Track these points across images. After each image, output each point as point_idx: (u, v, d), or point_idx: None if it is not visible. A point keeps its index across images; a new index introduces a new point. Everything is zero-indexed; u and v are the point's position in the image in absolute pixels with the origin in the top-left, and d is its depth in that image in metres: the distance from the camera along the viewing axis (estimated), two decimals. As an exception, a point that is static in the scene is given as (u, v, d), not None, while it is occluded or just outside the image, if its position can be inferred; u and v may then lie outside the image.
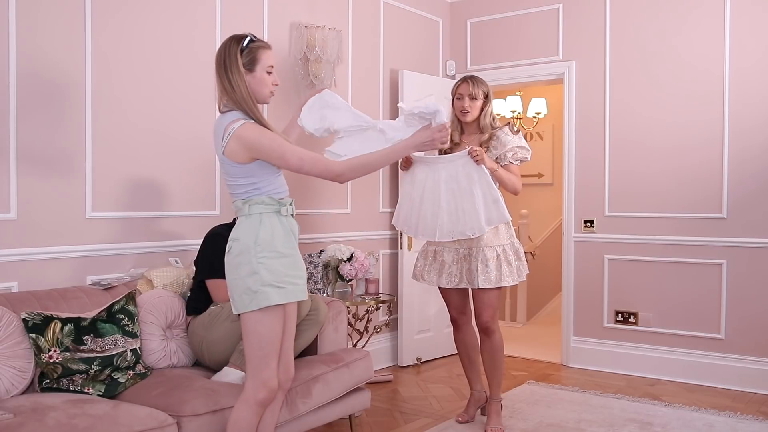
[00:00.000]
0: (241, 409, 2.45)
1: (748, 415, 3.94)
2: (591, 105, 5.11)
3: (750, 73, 4.50)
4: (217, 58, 2.52)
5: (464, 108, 3.64)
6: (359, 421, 3.76)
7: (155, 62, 3.61)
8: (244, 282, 2.41)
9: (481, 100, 3.66)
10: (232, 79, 2.47)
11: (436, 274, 3.65)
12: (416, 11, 5.45)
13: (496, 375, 3.69)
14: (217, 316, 3.16)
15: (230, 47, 2.50)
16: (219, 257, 3.30)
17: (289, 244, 2.48)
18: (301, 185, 4.50)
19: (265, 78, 2.56)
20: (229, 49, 2.50)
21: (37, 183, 3.12)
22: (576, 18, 5.17)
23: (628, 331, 4.97)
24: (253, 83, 2.53)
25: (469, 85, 3.65)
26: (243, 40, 2.51)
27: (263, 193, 2.47)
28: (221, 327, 3.12)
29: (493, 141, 3.62)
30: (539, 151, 7.87)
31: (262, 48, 2.56)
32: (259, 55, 2.54)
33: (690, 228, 4.72)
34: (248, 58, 2.51)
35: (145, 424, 2.41)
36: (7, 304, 2.73)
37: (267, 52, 2.57)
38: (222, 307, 3.20)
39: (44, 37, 3.14)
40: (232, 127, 2.44)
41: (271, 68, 2.58)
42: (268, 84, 2.57)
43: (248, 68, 2.51)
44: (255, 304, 2.40)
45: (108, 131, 3.39)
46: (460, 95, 3.67)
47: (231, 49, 2.50)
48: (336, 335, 3.50)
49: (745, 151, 4.52)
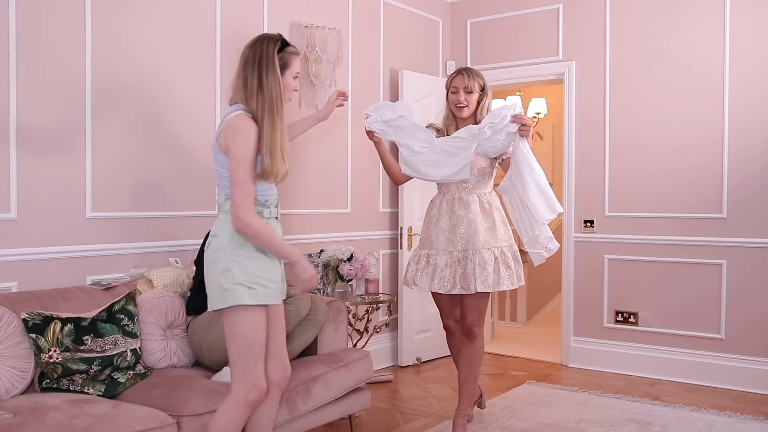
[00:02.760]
0: (230, 411, 2.42)
1: (748, 415, 3.94)
2: (591, 105, 5.12)
3: (750, 73, 4.50)
4: (250, 54, 2.48)
5: (459, 102, 3.41)
6: (359, 421, 3.76)
7: (155, 62, 3.61)
8: (217, 278, 2.41)
9: (477, 93, 3.42)
10: (265, 78, 2.44)
11: (429, 278, 3.43)
12: (416, 11, 5.45)
13: (469, 384, 3.52)
14: (217, 316, 3.16)
15: (268, 46, 2.48)
16: None
17: None
18: (301, 185, 4.50)
19: (290, 83, 2.55)
20: (267, 49, 2.47)
21: (37, 183, 3.12)
22: (576, 18, 5.17)
23: (628, 331, 4.97)
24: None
25: (464, 77, 3.42)
26: (278, 42, 2.50)
27: None
28: (221, 327, 3.12)
29: None
30: (539, 151, 7.85)
31: (294, 54, 2.56)
32: (291, 60, 2.54)
33: (690, 228, 4.72)
34: (282, 62, 2.50)
35: (145, 424, 2.41)
36: (7, 304, 2.73)
37: (297, 59, 2.57)
38: None
39: (44, 37, 3.14)
40: (230, 116, 2.44)
41: (297, 74, 2.58)
42: (290, 90, 2.56)
43: (280, 72, 2.50)
44: (224, 301, 2.39)
45: (109, 131, 3.39)
46: (455, 89, 3.44)
47: (269, 49, 2.47)
48: (336, 335, 3.50)
49: (745, 151, 4.52)
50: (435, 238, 3.45)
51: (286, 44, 2.53)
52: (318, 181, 4.64)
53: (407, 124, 3.24)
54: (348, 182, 4.86)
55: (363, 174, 4.98)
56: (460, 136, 3.26)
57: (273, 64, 2.45)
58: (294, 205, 4.44)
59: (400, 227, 5.15)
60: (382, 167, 3.66)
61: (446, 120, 3.53)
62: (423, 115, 5.25)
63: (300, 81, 4.39)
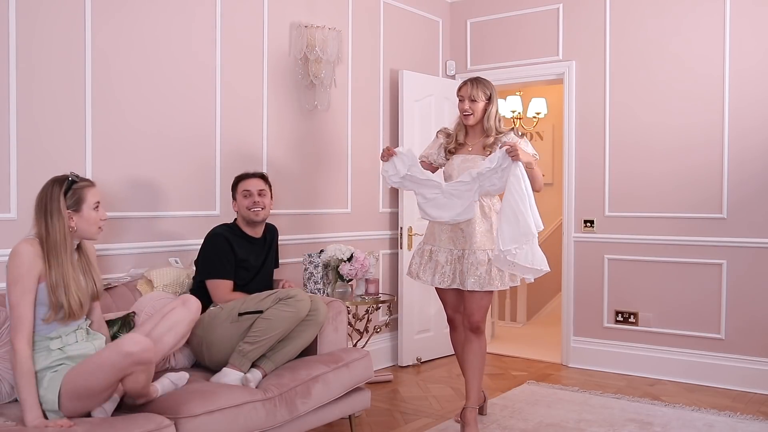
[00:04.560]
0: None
1: (748, 415, 3.94)
2: (591, 105, 5.11)
3: (750, 73, 4.50)
4: (37, 200, 2.53)
5: (465, 110, 3.62)
6: (359, 421, 3.76)
7: (155, 62, 3.61)
8: None
9: (483, 102, 3.60)
10: (50, 223, 2.48)
11: (431, 273, 3.62)
12: (416, 11, 5.45)
13: (476, 378, 3.60)
14: (216, 317, 3.16)
15: (53, 190, 2.51)
16: (219, 257, 3.32)
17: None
18: (301, 185, 4.50)
19: (92, 216, 2.57)
20: (52, 192, 2.51)
21: (37, 183, 3.09)
22: (576, 18, 5.17)
23: (628, 331, 4.97)
24: (81, 223, 2.55)
25: (468, 87, 3.62)
26: (64, 183, 2.53)
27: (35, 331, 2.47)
28: (221, 327, 3.12)
29: (498, 145, 3.54)
30: (539, 151, 7.85)
31: (87, 187, 2.58)
32: (84, 194, 2.55)
33: (690, 228, 4.72)
34: (73, 199, 2.53)
35: (143, 427, 2.40)
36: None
37: (92, 189, 2.59)
38: (221, 308, 3.20)
39: (44, 37, 3.14)
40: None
41: (97, 204, 2.59)
42: (95, 222, 2.58)
43: (74, 209, 2.53)
44: None
45: (108, 131, 3.39)
46: (461, 97, 3.65)
47: (54, 192, 2.51)
48: (336, 335, 3.50)
49: (745, 152, 4.52)
50: (438, 235, 3.63)
51: (74, 182, 2.54)
52: (318, 181, 4.63)
53: (418, 174, 3.56)
54: (348, 182, 4.86)
55: (363, 174, 4.98)
56: (464, 180, 3.50)
57: (58, 208, 2.49)
58: (294, 205, 4.45)
59: (400, 227, 5.15)
60: None
61: (457, 126, 3.71)
62: (423, 115, 5.26)
63: (300, 81, 4.42)
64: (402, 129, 5.12)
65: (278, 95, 4.33)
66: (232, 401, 2.73)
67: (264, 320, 3.06)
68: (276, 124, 4.32)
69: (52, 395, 2.40)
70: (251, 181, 3.51)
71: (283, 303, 3.10)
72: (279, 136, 4.33)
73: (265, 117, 4.24)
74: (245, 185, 3.50)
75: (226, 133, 3.99)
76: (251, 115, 4.16)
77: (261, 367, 3.07)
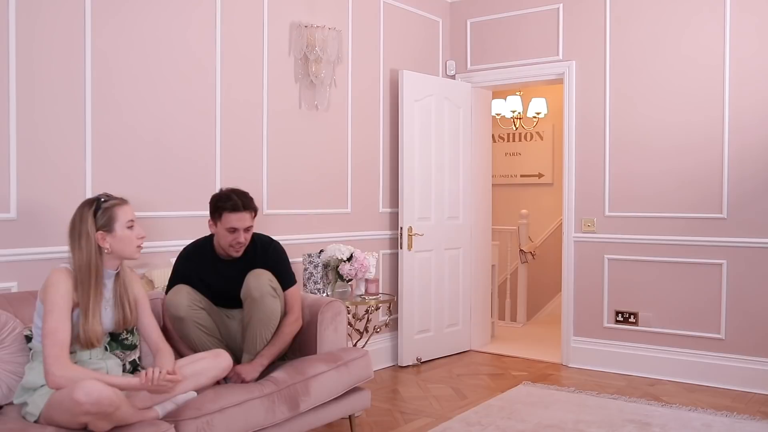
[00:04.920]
0: None
1: (746, 415, 3.94)
2: (591, 105, 5.11)
3: (750, 74, 4.50)
4: (70, 226, 2.52)
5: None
6: (359, 421, 3.76)
7: (155, 62, 3.61)
8: None
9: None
10: (77, 246, 2.47)
11: None
12: (416, 11, 5.45)
13: None
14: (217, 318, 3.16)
15: (82, 211, 2.49)
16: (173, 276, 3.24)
17: None
18: (301, 185, 4.50)
19: (126, 235, 2.54)
20: (82, 214, 2.49)
21: (37, 183, 3.12)
22: (576, 18, 5.17)
23: (628, 331, 4.97)
24: (115, 243, 2.52)
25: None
26: (93, 203, 2.50)
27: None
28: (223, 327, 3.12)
29: None
30: (539, 151, 7.88)
31: (118, 205, 2.55)
32: (115, 213, 2.52)
33: (690, 228, 4.72)
34: (103, 219, 2.50)
35: (143, 428, 2.41)
36: (6, 304, 2.72)
37: (124, 207, 2.56)
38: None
39: (44, 37, 3.14)
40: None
41: (131, 222, 2.56)
42: (132, 240, 2.55)
43: (106, 229, 2.50)
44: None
45: (107, 131, 3.40)
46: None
47: (84, 214, 2.48)
48: (336, 335, 3.49)
49: (745, 152, 4.52)
50: None
51: (103, 201, 2.52)
52: (318, 181, 4.64)
53: None
54: (348, 182, 4.86)
55: (363, 174, 4.98)
56: None
57: (87, 230, 2.46)
58: (294, 205, 4.45)
59: (400, 227, 5.15)
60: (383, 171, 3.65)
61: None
62: (423, 115, 5.27)
63: (300, 81, 4.43)
64: (402, 129, 5.12)
65: (278, 95, 4.33)
66: (232, 401, 2.73)
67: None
68: (276, 124, 4.32)
69: (37, 408, 2.37)
70: (239, 217, 3.07)
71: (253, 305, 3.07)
72: (279, 136, 4.33)
73: (265, 117, 4.24)
74: (231, 221, 3.07)
75: (225, 133, 3.99)
76: (251, 115, 4.16)
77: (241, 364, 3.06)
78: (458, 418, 3.88)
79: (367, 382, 3.50)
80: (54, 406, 2.31)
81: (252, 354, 3.09)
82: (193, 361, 2.75)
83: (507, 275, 7.19)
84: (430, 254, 5.33)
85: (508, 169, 8.07)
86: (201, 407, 2.63)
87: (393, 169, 5.20)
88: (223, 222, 3.09)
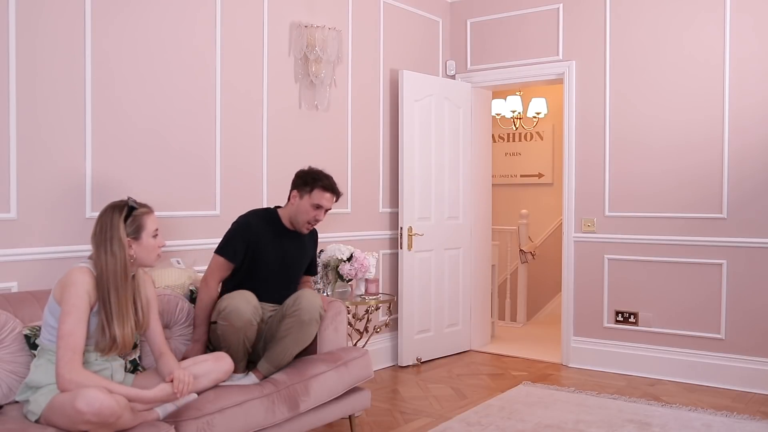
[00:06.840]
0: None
1: (746, 414, 3.94)
2: (591, 105, 5.12)
3: (750, 74, 4.50)
4: (97, 228, 2.50)
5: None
6: (359, 421, 3.76)
7: (155, 62, 3.61)
8: None
9: None
10: (109, 251, 2.45)
11: None
12: (416, 11, 5.45)
13: None
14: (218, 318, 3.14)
15: (113, 216, 2.48)
16: (231, 239, 3.25)
17: None
18: (301, 185, 4.50)
19: (151, 244, 2.55)
20: (112, 219, 2.47)
21: (37, 183, 3.12)
22: (576, 18, 5.17)
23: (628, 331, 4.97)
24: (140, 251, 2.52)
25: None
26: (124, 209, 2.50)
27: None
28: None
29: None
30: (539, 151, 7.88)
31: (146, 213, 2.55)
32: (143, 221, 2.53)
33: (690, 228, 4.72)
34: (133, 226, 2.50)
35: (143, 428, 2.41)
36: (6, 304, 2.72)
37: (150, 216, 2.56)
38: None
39: (45, 37, 3.14)
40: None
41: (156, 231, 2.57)
42: (154, 250, 2.56)
43: (134, 237, 2.50)
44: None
45: (108, 131, 3.39)
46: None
47: (114, 219, 2.47)
48: (336, 335, 3.50)
49: (745, 151, 4.52)
50: None
51: (133, 208, 2.52)
52: (318, 181, 4.63)
53: None
54: (348, 182, 4.86)
55: (363, 174, 4.98)
56: None
57: (119, 236, 2.46)
58: (294, 205, 4.44)
59: (400, 227, 5.15)
60: (383, 171, 3.66)
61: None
62: (423, 115, 5.27)
63: (300, 81, 4.43)
64: (402, 129, 5.12)
65: (278, 95, 4.33)
66: (232, 401, 2.73)
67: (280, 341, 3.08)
68: (276, 124, 4.32)
69: (38, 408, 2.37)
70: (329, 197, 3.23)
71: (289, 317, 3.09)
72: (279, 135, 4.33)
73: (265, 117, 4.24)
74: (321, 198, 3.21)
75: (226, 133, 3.99)
76: (251, 115, 4.16)
77: (257, 370, 3.07)
78: (458, 418, 3.88)
79: (367, 382, 3.50)
80: (54, 410, 2.31)
81: (275, 366, 3.08)
82: (195, 363, 2.75)
83: (507, 275, 7.19)
84: (430, 254, 5.33)
85: (508, 169, 8.07)
86: (201, 408, 2.63)
87: (393, 169, 5.20)
88: (312, 197, 3.20)
